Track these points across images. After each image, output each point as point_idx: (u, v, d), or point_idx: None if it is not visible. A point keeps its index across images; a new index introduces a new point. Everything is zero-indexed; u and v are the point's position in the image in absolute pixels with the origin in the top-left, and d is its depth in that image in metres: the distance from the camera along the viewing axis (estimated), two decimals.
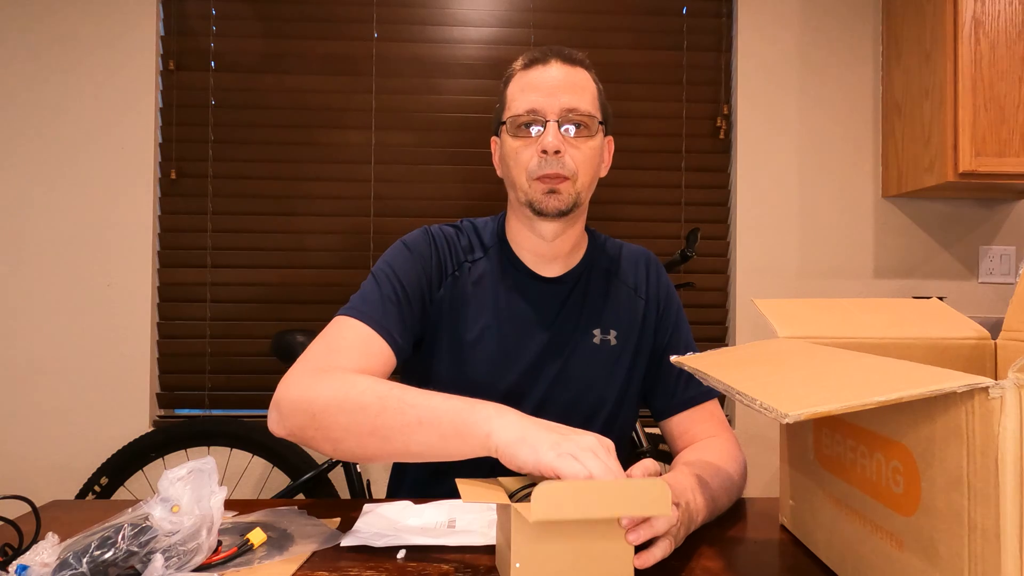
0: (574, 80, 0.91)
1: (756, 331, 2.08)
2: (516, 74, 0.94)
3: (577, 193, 0.91)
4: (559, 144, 0.88)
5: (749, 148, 2.11)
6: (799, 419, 0.45)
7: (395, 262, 0.94)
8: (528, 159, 0.90)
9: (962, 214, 2.13)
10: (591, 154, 0.92)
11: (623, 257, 1.04)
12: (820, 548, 0.68)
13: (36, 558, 0.58)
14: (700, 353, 0.79)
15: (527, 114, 0.90)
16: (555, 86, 0.90)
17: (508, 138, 0.92)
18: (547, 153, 0.88)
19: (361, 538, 0.71)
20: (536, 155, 0.89)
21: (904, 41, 2.01)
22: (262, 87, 2.05)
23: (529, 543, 0.58)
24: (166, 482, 0.61)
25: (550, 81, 0.90)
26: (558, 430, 0.66)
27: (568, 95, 0.89)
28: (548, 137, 0.88)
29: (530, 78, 0.91)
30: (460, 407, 0.70)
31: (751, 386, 0.54)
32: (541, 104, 0.89)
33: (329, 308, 2.07)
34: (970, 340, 0.79)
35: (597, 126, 0.92)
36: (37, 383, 1.96)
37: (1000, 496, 0.43)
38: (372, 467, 2.01)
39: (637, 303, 1.01)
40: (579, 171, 0.91)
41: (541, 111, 0.89)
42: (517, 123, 0.91)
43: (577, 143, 0.90)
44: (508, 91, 0.94)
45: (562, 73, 0.91)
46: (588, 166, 0.92)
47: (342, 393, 0.75)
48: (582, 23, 2.11)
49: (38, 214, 1.97)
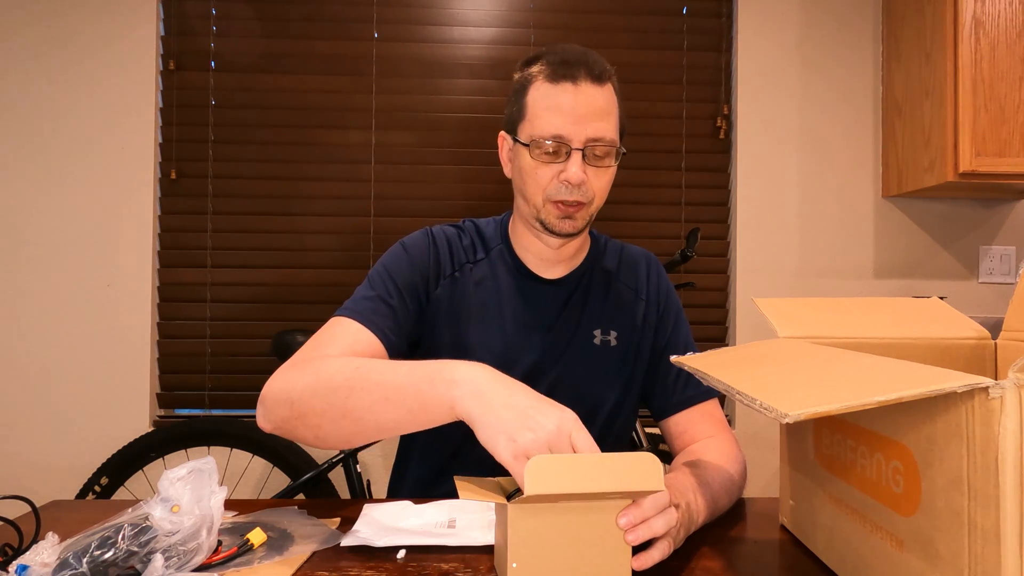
0: (601, 105, 0.88)
1: (756, 331, 2.08)
2: (540, 83, 0.89)
3: (590, 216, 0.92)
4: (582, 177, 0.87)
5: (749, 148, 2.11)
6: (799, 419, 0.45)
7: (389, 263, 0.95)
8: (546, 181, 0.88)
9: (962, 214, 2.13)
10: (609, 179, 0.92)
11: (624, 258, 1.05)
12: (820, 548, 0.68)
13: (36, 558, 0.58)
14: (700, 353, 0.79)
15: (551, 133, 0.86)
16: (583, 114, 0.86)
17: (526, 154, 0.89)
18: (570, 183, 0.87)
19: (361, 538, 0.71)
20: (555, 180, 0.88)
21: (904, 41, 2.01)
22: (262, 87, 2.05)
23: (526, 543, 0.58)
24: (166, 482, 0.61)
25: (579, 107, 0.86)
26: (519, 406, 0.63)
27: (595, 123, 0.86)
28: (572, 167, 0.86)
29: (557, 98, 0.87)
30: (421, 380, 0.69)
31: (751, 386, 0.54)
32: (568, 132, 0.86)
33: (329, 308, 2.07)
34: (970, 340, 0.79)
35: (617, 153, 0.91)
36: (37, 383, 1.96)
37: (1000, 496, 0.43)
38: (372, 467, 2.01)
39: (638, 304, 1.02)
40: (596, 197, 0.91)
41: (567, 139, 0.86)
42: (540, 146, 0.87)
43: (597, 172, 0.89)
44: (529, 100, 0.89)
45: (590, 97, 0.87)
46: (604, 191, 0.92)
47: (315, 378, 0.76)
48: (582, 23, 2.11)
49: (38, 214, 1.97)
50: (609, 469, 0.56)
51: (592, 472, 0.56)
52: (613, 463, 0.56)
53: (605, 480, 0.56)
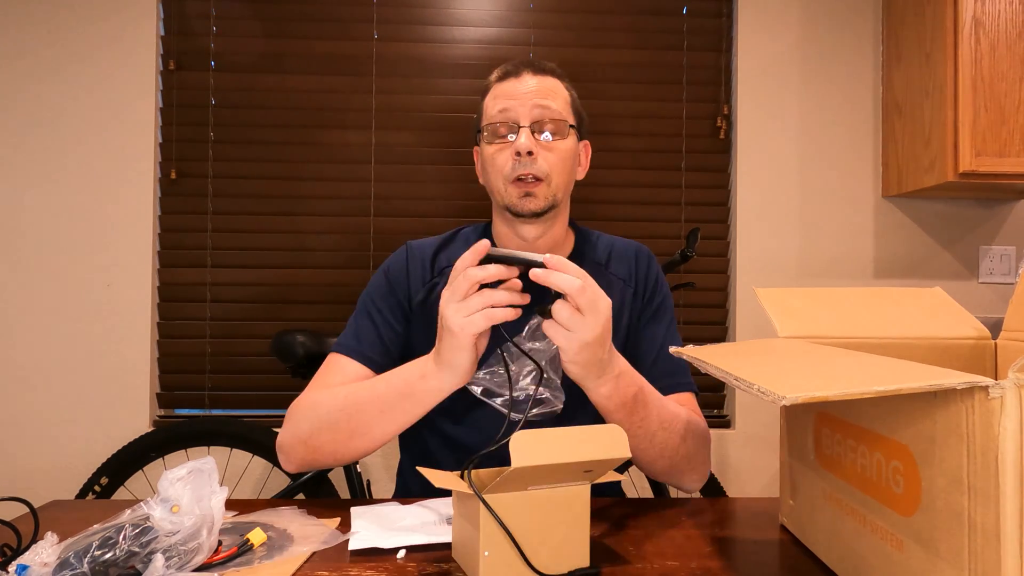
0: (545, 87, 0.96)
1: (756, 331, 2.08)
2: (491, 86, 0.99)
3: (553, 195, 0.95)
4: (531, 145, 0.92)
5: (749, 148, 2.11)
6: (796, 402, 0.45)
7: (371, 286, 1.03)
8: (504, 163, 0.94)
9: (962, 214, 2.13)
10: (564, 156, 0.96)
11: (615, 250, 1.07)
12: (820, 548, 0.68)
13: (36, 558, 0.58)
14: (699, 346, 0.79)
15: (500, 115, 0.94)
16: (527, 92, 0.94)
17: (485, 145, 0.97)
18: (520, 155, 0.92)
19: (361, 538, 0.71)
20: (511, 158, 0.93)
21: (904, 41, 2.01)
22: (262, 87, 2.05)
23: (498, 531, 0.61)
24: (166, 482, 0.61)
25: (522, 89, 0.95)
26: None
27: (539, 100, 0.94)
28: (521, 139, 0.92)
29: (503, 88, 0.96)
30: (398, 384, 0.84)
31: (749, 373, 0.54)
32: (513, 108, 0.94)
33: (329, 308, 2.10)
34: (970, 340, 0.79)
35: (569, 129, 0.96)
36: (37, 383, 1.96)
37: (1000, 496, 0.44)
38: (372, 467, 2.01)
39: (626, 292, 1.03)
40: (552, 173, 0.94)
41: (514, 116, 0.94)
42: (492, 129, 0.95)
43: (550, 145, 0.94)
44: (484, 102, 0.99)
45: (534, 82, 0.96)
46: (562, 168, 0.95)
47: (315, 415, 0.88)
48: (582, 23, 2.11)
49: (38, 214, 1.97)
50: (582, 440, 0.61)
51: (568, 444, 0.61)
52: (585, 435, 0.62)
53: (580, 450, 0.61)
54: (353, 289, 2.01)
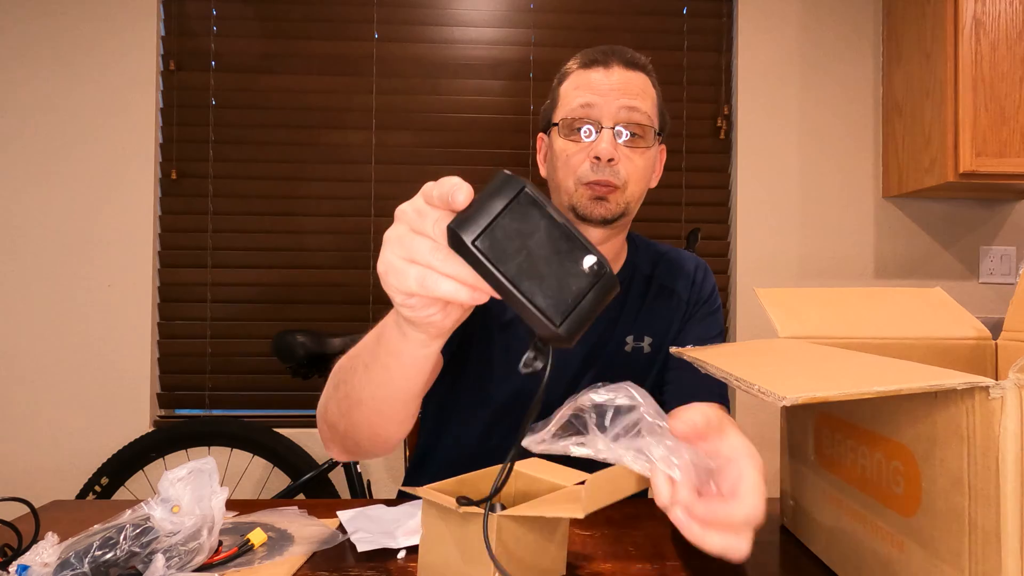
0: (635, 85, 0.87)
1: (757, 331, 2.08)
2: (572, 72, 0.89)
3: (626, 203, 0.88)
4: (613, 152, 0.84)
5: (750, 148, 2.11)
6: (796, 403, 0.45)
7: None
8: (579, 164, 0.86)
9: (962, 214, 2.13)
10: (645, 164, 0.88)
11: (669, 261, 1.01)
12: (820, 548, 0.68)
13: (36, 558, 0.58)
14: (699, 347, 0.78)
15: (582, 110, 0.85)
16: (614, 88, 0.85)
17: (559, 139, 0.88)
18: (600, 160, 0.84)
19: (361, 539, 0.71)
20: (588, 160, 0.85)
21: (904, 41, 2.01)
22: (262, 87, 2.05)
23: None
24: (166, 482, 0.61)
25: (609, 83, 0.85)
26: None
27: (627, 99, 0.85)
28: (602, 143, 0.84)
29: (588, 78, 0.87)
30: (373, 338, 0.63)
31: (749, 373, 0.54)
32: (598, 106, 0.85)
33: (329, 308, 2.09)
34: (970, 340, 0.79)
35: (653, 136, 0.89)
36: (38, 383, 1.96)
37: (1001, 496, 0.43)
38: (373, 467, 2.01)
39: (680, 306, 0.99)
40: (630, 180, 0.87)
41: (597, 114, 0.85)
42: (570, 124, 0.86)
43: (632, 153, 0.86)
44: (562, 89, 0.90)
45: (623, 77, 0.86)
46: (640, 176, 0.88)
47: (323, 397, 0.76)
48: (582, 23, 2.11)
49: (38, 214, 1.97)
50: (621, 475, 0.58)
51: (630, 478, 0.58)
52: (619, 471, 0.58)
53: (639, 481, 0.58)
54: (353, 289, 2.01)
